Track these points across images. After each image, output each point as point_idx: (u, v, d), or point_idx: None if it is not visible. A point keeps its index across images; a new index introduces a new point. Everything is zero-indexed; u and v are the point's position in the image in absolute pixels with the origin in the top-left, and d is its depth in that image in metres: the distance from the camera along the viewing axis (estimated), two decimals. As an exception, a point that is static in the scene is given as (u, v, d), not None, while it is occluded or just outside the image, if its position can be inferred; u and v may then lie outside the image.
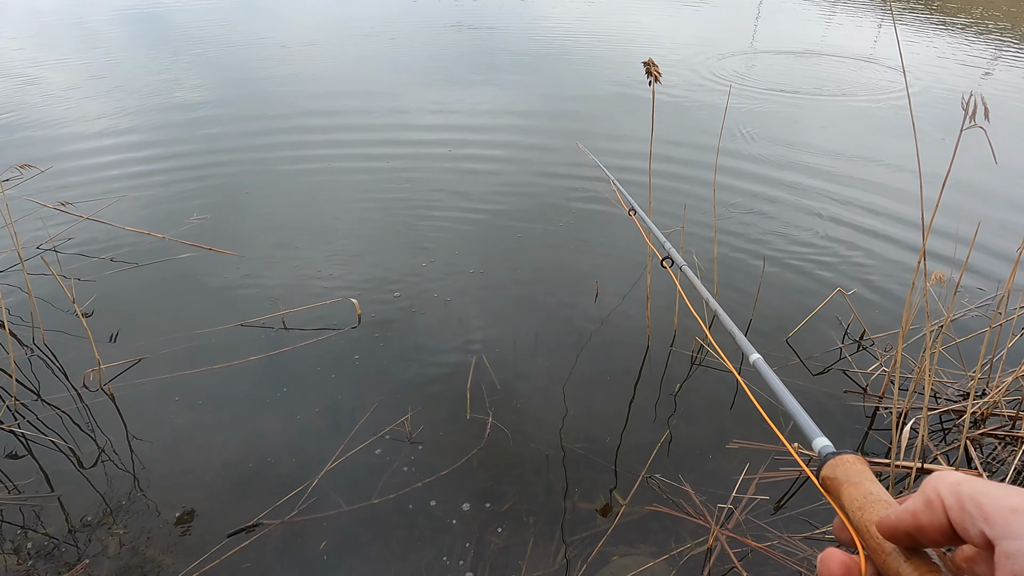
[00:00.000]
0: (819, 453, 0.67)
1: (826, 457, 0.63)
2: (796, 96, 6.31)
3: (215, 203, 3.96)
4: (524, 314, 3.00)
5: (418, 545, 1.94)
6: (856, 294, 3.07)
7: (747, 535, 1.95)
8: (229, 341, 2.76)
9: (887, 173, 4.49)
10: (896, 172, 4.51)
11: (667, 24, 10.06)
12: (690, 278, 1.51)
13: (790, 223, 3.80)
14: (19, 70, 6.79)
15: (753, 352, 1.04)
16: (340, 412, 2.41)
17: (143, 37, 8.66)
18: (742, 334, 1.14)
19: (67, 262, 3.30)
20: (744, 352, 1.05)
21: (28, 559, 1.88)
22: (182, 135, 5.09)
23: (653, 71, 2.21)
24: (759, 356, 1.02)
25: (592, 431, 2.36)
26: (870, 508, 0.54)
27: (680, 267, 1.66)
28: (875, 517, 0.53)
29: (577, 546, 1.94)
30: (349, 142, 4.98)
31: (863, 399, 2.53)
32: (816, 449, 0.69)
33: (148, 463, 2.21)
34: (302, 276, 3.23)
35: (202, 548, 1.91)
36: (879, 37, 9.49)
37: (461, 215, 3.88)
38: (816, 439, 0.71)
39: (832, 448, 0.66)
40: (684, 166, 4.52)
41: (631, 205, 2.13)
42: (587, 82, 6.75)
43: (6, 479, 2.16)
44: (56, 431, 2.32)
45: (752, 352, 1.04)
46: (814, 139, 5.18)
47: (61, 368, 2.63)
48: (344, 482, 2.13)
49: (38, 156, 4.28)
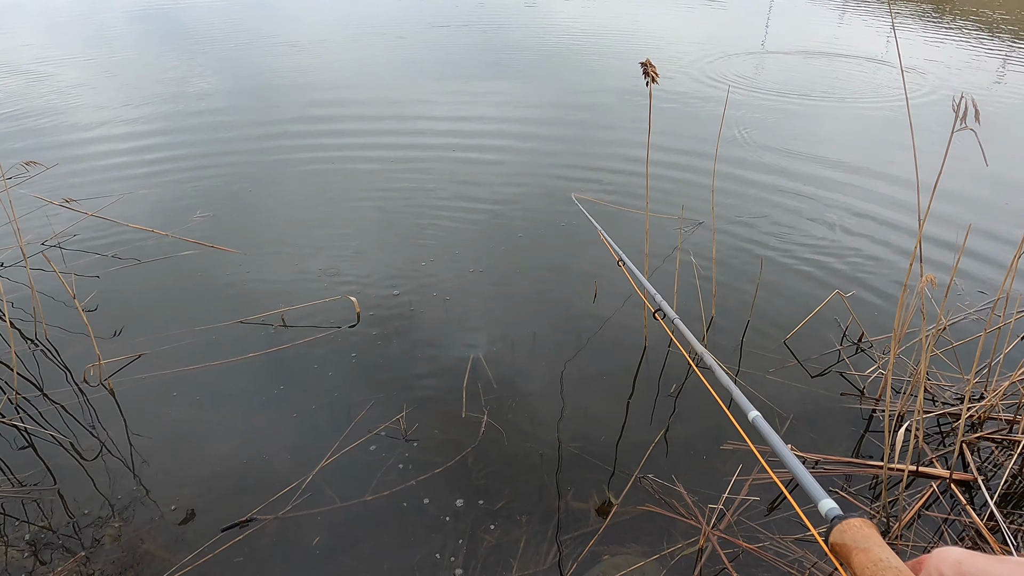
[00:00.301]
0: (826, 516, 0.68)
1: (833, 521, 0.64)
2: (802, 98, 6.29)
3: (218, 201, 3.99)
4: (523, 313, 3.01)
5: (411, 542, 1.95)
6: (855, 296, 3.06)
7: (738, 536, 1.95)
8: (228, 338, 2.78)
9: (891, 175, 4.47)
10: (900, 175, 4.49)
11: (678, 23, 10.04)
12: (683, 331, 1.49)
13: (790, 224, 3.79)
14: (28, 67, 6.85)
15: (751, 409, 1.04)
16: (336, 409, 2.43)
17: (151, 35, 8.72)
18: (739, 391, 1.14)
19: (71, 258, 3.33)
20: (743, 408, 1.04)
21: (28, 550, 1.91)
22: (187, 133, 5.13)
23: (650, 72, 2.21)
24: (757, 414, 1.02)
25: (588, 431, 2.37)
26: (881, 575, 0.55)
27: (672, 320, 1.65)
28: None
29: (569, 545, 1.94)
30: (352, 140, 5.01)
31: (860, 401, 2.52)
32: (823, 512, 0.70)
33: (146, 457, 2.24)
34: (302, 274, 3.25)
35: (197, 542, 1.93)
36: (890, 38, 9.44)
37: (462, 214, 3.89)
38: (822, 501, 0.72)
39: (839, 511, 0.67)
40: (684, 168, 4.51)
41: (620, 256, 2.14)
42: (594, 81, 6.75)
43: (7, 471, 2.18)
44: (57, 425, 2.35)
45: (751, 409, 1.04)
46: (816, 141, 5.16)
47: (62, 363, 2.66)
48: (339, 479, 2.14)
49: (44, 153, 4.32)
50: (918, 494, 2.12)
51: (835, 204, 4.06)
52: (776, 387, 2.58)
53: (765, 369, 2.67)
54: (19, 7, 10.55)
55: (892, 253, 3.51)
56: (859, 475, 2.20)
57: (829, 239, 3.64)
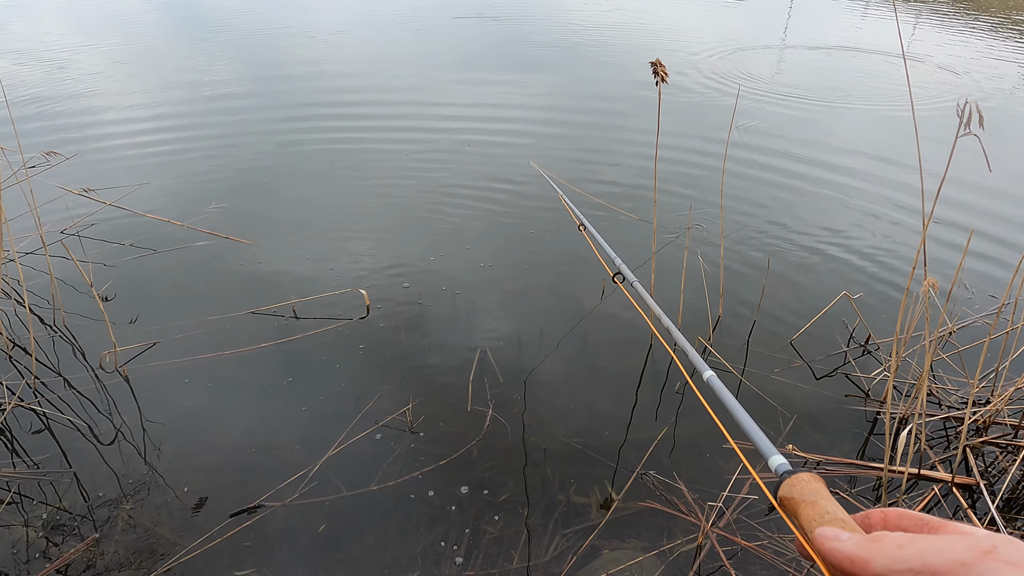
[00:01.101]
0: (776, 471, 0.68)
1: (783, 476, 0.65)
2: (814, 97, 6.25)
3: (233, 192, 4.05)
4: (531, 308, 3.03)
5: (414, 532, 1.99)
6: (863, 298, 3.06)
7: (737, 534, 1.97)
8: (240, 328, 2.83)
9: (905, 177, 4.44)
10: (912, 176, 4.47)
11: (701, 19, 9.99)
12: (641, 293, 1.53)
13: (799, 224, 3.79)
14: (48, 55, 6.95)
15: (707, 369, 1.06)
16: (344, 400, 2.47)
17: (170, 25, 8.80)
18: (695, 350, 1.16)
19: (89, 247, 3.40)
20: (698, 369, 1.07)
21: (42, 531, 1.96)
22: (202, 124, 5.20)
23: (660, 71, 2.22)
24: (712, 373, 1.04)
25: (592, 426, 2.40)
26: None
27: (632, 283, 1.68)
28: None
29: (570, 538, 1.97)
30: (366, 134, 5.06)
31: (865, 403, 2.53)
32: (773, 467, 0.70)
33: (159, 443, 2.29)
34: (314, 266, 3.29)
35: (206, 526, 1.98)
36: (912, 35, 9.34)
37: (474, 208, 3.93)
38: (772, 457, 0.72)
39: (788, 467, 0.67)
40: (693, 165, 4.51)
41: (580, 220, 2.16)
42: (611, 77, 6.74)
43: (24, 454, 2.24)
44: (73, 410, 2.41)
45: (705, 369, 1.06)
46: (829, 140, 5.13)
47: (79, 349, 2.72)
48: (345, 468, 2.18)
49: (64, 143, 4.40)
50: (919, 497, 2.13)
51: (847, 204, 4.05)
52: (781, 387, 2.59)
53: (770, 369, 2.68)
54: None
55: (902, 255, 3.50)
56: (863, 477, 2.21)
57: (839, 240, 3.63)
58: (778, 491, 0.64)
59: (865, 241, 3.63)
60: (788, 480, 0.63)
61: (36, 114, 5.27)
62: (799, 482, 0.62)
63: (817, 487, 0.61)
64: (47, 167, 3.64)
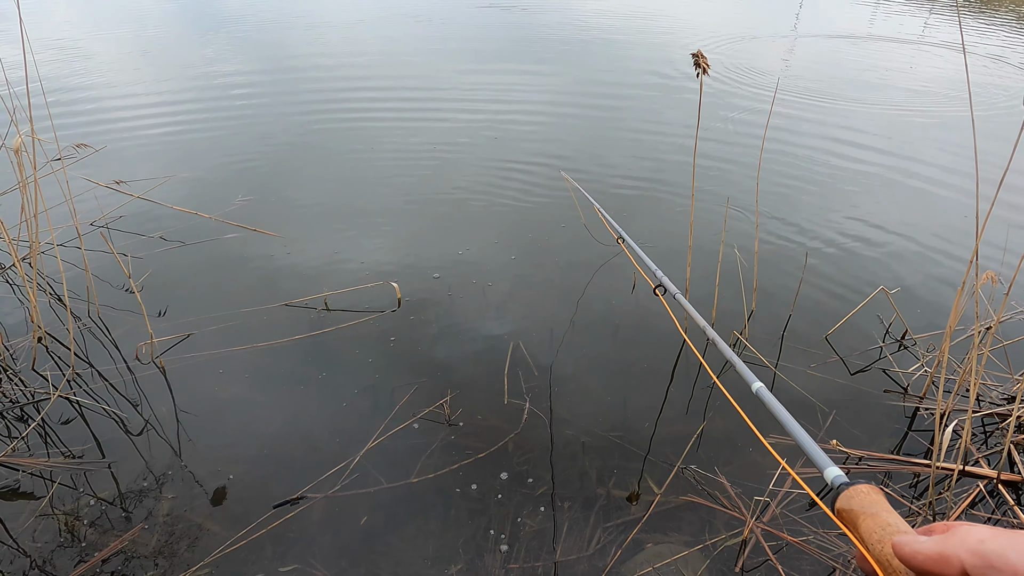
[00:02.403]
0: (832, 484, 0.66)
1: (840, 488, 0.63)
2: (853, 87, 6.19)
3: (259, 184, 4.05)
4: (562, 301, 3.02)
5: (454, 524, 1.99)
6: (899, 293, 3.03)
7: (782, 529, 1.96)
8: (273, 320, 2.83)
9: (940, 172, 4.40)
10: (950, 172, 4.42)
11: (708, 11, 9.92)
12: (684, 306, 1.49)
13: (834, 218, 3.75)
14: (77, 50, 6.97)
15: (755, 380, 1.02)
16: (380, 392, 2.47)
17: (194, 20, 8.81)
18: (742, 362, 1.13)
19: (118, 239, 3.41)
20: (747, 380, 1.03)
21: (86, 522, 1.97)
22: (227, 116, 5.21)
23: (702, 63, 2.20)
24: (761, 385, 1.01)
25: (627, 420, 2.38)
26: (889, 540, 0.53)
27: (674, 295, 1.65)
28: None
29: (611, 532, 1.96)
30: (392, 125, 5.05)
31: (903, 399, 2.51)
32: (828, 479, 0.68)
33: (195, 435, 2.29)
34: (343, 258, 3.29)
35: (248, 518, 1.98)
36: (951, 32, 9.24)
37: (504, 201, 3.92)
38: (827, 469, 0.70)
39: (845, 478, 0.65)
40: (727, 160, 4.48)
41: (619, 234, 2.14)
42: (633, 69, 6.70)
43: (63, 444, 2.25)
44: (109, 401, 2.42)
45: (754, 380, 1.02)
46: (864, 133, 5.08)
47: (113, 341, 2.73)
48: (384, 460, 2.18)
49: (94, 136, 4.42)
50: (963, 493, 2.10)
51: (882, 199, 4.01)
52: (817, 383, 2.57)
53: (806, 364, 2.65)
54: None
55: (938, 250, 3.47)
56: (899, 473, 2.19)
57: (874, 234, 3.60)
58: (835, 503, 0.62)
59: (902, 236, 3.59)
60: (846, 492, 0.61)
61: (64, 108, 5.29)
62: (857, 494, 0.60)
63: (876, 499, 0.60)
64: (77, 159, 3.65)
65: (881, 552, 0.54)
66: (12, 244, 2.76)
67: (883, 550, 0.53)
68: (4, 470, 2.13)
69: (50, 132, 2.91)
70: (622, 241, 2.13)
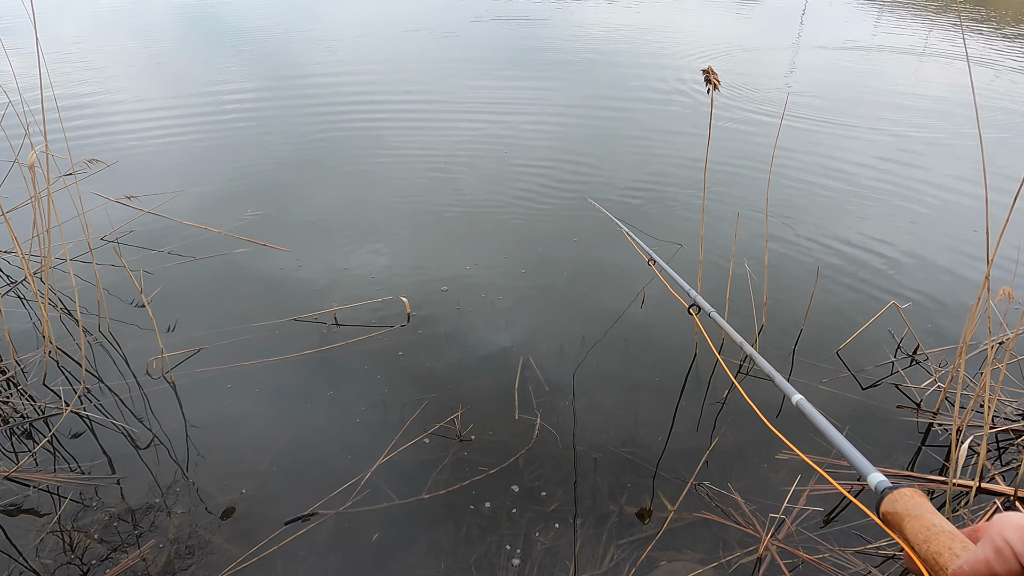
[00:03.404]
0: (876, 488, 0.67)
1: (884, 492, 0.64)
2: (855, 96, 6.21)
3: (267, 199, 4.06)
4: (571, 316, 3.02)
5: (466, 541, 1.97)
6: (910, 308, 3.01)
7: (798, 547, 1.94)
8: (282, 335, 2.83)
9: (953, 184, 4.41)
10: (961, 183, 4.43)
11: (707, 23, 9.98)
12: (721, 324, 1.50)
13: (844, 233, 3.75)
14: (87, 64, 7.04)
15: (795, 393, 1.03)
16: (390, 408, 2.46)
17: (203, 34, 8.89)
18: (781, 376, 1.13)
19: (129, 254, 3.42)
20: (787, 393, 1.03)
21: (94, 537, 1.96)
22: (238, 131, 5.24)
23: (712, 79, 2.21)
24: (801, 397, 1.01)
25: (638, 436, 2.37)
26: (935, 540, 0.55)
27: (709, 314, 1.65)
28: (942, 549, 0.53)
29: (625, 549, 1.94)
30: (399, 139, 5.08)
31: (916, 415, 2.49)
32: (872, 485, 0.69)
33: (205, 450, 2.29)
34: (353, 273, 3.29)
35: (259, 534, 1.97)
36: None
37: (513, 214, 3.93)
38: (871, 475, 0.71)
39: (888, 483, 0.66)
40: (736, 174, 4.49)
41: (650, 255, 2.14)
42: (642, 81, 6.72)
43: (72, 460, 2.25)
44: (119, 417, 2.41)
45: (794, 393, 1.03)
46: (873, 145, 5.09)
47: (123, 356, 2.73)
48: (395, 476, 2.17)
49: (105, 150, 4.45)
50: (980, 510, 2.08)
51: (894, 213, 4.01)
52: (830, 398, 2.55)
53: (817, 379, 2.64)
54: (63, 6, 10.85)
55: (950, 264, 3.46)
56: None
57: (886, 249, 3.59)
58: (880, 507, 0.63)
59: (914, 250, 3.59)
60: (890, 496, 0.62)
61: (75, 124, 5.32)
62: (902, 497, 0.61)
63: (920, 501, 0.60)
64: (88, 174, 3.67)
65: (927, 552, 0.54)
66: (25, 259, 2.77)
67: (928, 550, 0.54)
68: (15, 485, 2.13)
69: (63, 147, 2.93)
70: (653, 263, 2.12)
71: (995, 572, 0.45)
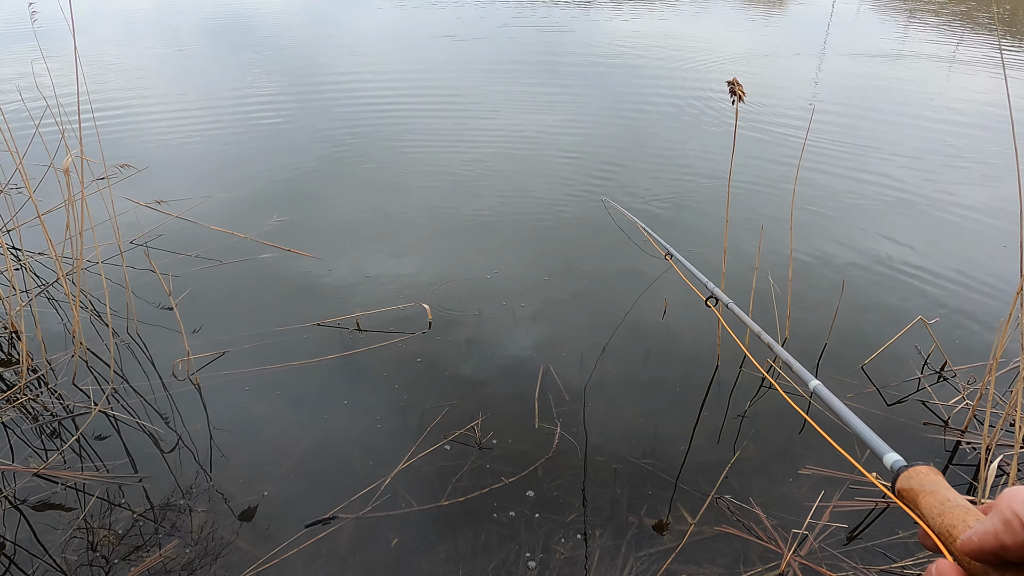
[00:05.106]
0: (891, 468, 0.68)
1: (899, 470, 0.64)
2: (884, 104, 6.15)
3: (292, 205, 4.12)
4: (592, 326, 3.01)
5: (484, 549, 1.97)
6: (938, 323, 2.97)
7: (821, 563, 1.91)
8: (306, 339, 2.86)
9: (982, 196, 4.34)
10: (990, 199, 4.35)
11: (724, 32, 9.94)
12: (737, 314, 1.51)
13: (872, 246, 3.70)
14: (118, 67, 7.20)
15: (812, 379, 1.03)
16: (410, 414, 2.47)
17: (231, 40, 9.05)
18: (798, 363, 1.13)
19: (157, 257, 3.48)
20: (803, 379, 1.04)
21: (118, 535, 1.99)
22: (265, 136, 5.33)
23: (738, 91, 2.20)
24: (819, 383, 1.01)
25: (659, 448, 2.35)
26: (949, 514, 0.54)
27: (726, 305, 1.65)
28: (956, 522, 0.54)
29: (644, 561, 1.93)
30: (423, 147, 5.12)
31: (944, 432, 2.44)
32: (888, 464, 0.70)
33: (228, 452, 2.31)
34: (375, 279, 3.32)
35: (279, 537, 1.98)
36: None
37: (535, 222, 3.95)
38: (887, 455, 0.73)
39: (903, 462, 0.67)
40: (761, 185, 4.46)
41: (668, 250, 2.15)
42: (667, 90, 6.72)
43: (97, 459, 2.29)
44: (144, 417, 2.45)
45: (811, 379, 1.03)
46: (900, 157, 5.02)
47: (150, 357, 2.77)
48: (415, 482, 2.18)
49: (136, 156, 4.54)
50: (1009, 531, 2.03)
51: (922, 226, 3.96)
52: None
53: (842, 394, 2.60)
54: (96, 11, 11.11)
55: (979, 280, 3.40)
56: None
57: (914, 262, 3.54)
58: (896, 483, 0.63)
59: (942, 265, 3.53)
60: (906, 473, 0.63)
61: (109, 129, 5.44)
62: (917, 474, 0.62)
63: (936, 478, 0.61)
64: (119, 179, 3.75)
65: (941, 525, 0.54)
66: (58, 260, 2.83)
67: (943, 523, 0.54)
68: (43, 482, 2.17)
69: (96, 151, 2.99)
70: (670, 257, 2.13)
71: (1003, 543, 0.46)
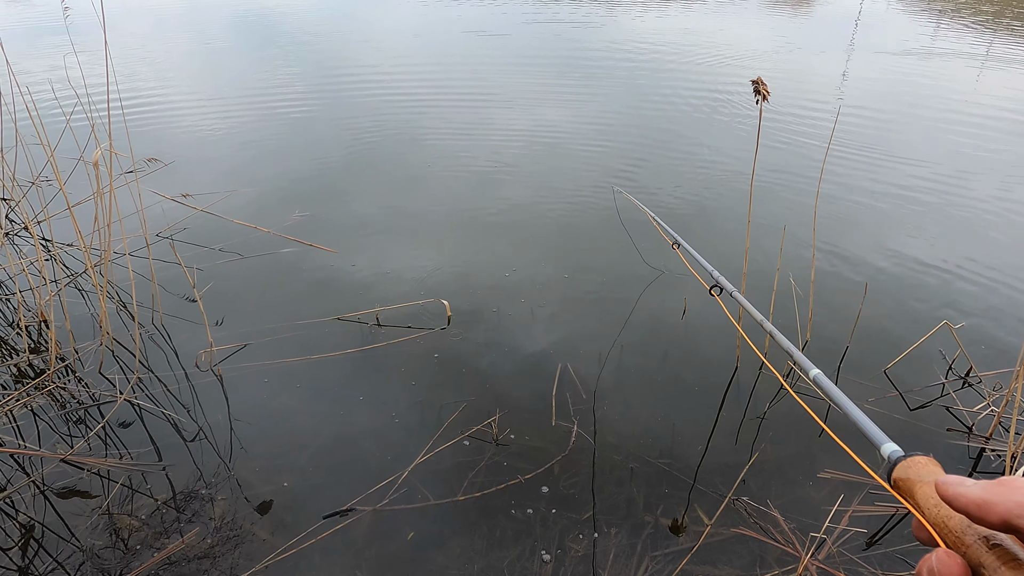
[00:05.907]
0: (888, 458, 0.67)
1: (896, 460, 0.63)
2: (908, 106, 6.05)
3: (315, 200, 4.16)
4: (610, 325, 3.00)
5: (499, 545, 1.98)
6: (963, 328, 2.92)
7: (839, 568, 1.89)
8: (326, 333, 2.89)
9: (1010, 200, 4.25)
10: (1018, 199, 4.27)
11: (748, 32, 9.84)
12: (741, 302, 1.51)
13: (896, 248, 3.65)
14: (145, 61, 7.31)
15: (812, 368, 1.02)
16: (429, 409, 2.49)
17: (259, 41, 9.15)
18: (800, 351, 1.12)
19: (182, 250, 3.53)
20: (804, 368, 1.04)
21: (141, 521, 2.03)
22: (289, 132, 5.39)
23: (762, 90, 2.18)
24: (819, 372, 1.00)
25: (676, 447, 2.35)
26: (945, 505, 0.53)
27: (730, 293, 1.65)
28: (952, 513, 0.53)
29: (660, 561, 1.93)
30: (445, 144, 5.13)
31: (968, 439, 2.41)
32: (885, 454, 0.68)
33: (248, 443, 2.35)
34: (395, 274, 3.34)
35: (298, 527, 2.01)
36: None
37: (556, 220, 3.95)
38: (884, 445, 0.71)
39: (900, 452, 0.66)
40: (784, 186, 4.42)
41: (675, 239, 2.15)
42: (688, 89, 6.68)
43: (123, 447, 2.33)
44: (167, 406, 2.50)
45: (811, 368, 1.02)
46: (927, 159, 4.95)
47: (174, 348, 2.82)
48: (432, 477, 2.19)
49: (163, 150, 4.62)
50: (1034, 541, 2.00)
51: (948, 229, 3.90)
52: (875, 418, 2.48)
53: (864, 399, 2.57)
54: (127, 6, 11.29)
55: (1006, 285, 3.34)
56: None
57: (939, 266, 3.49)
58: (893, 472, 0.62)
59: (966, 268, 3.47)
60: (903, 463, 0.62)
61: (138, 124, 5.54)
62: (914, 464, 0.60)
63: (934, 469, 0.60)
64: (147, 172, 3.81)
65: (937, 516, 0.54)
66: (87, 251, 2.89)
67: (939, 514, 0.53)
68: (70, 468, 2.22)
69: (125, 145, 3.05)
70: (678, 247, 2.12)
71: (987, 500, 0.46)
